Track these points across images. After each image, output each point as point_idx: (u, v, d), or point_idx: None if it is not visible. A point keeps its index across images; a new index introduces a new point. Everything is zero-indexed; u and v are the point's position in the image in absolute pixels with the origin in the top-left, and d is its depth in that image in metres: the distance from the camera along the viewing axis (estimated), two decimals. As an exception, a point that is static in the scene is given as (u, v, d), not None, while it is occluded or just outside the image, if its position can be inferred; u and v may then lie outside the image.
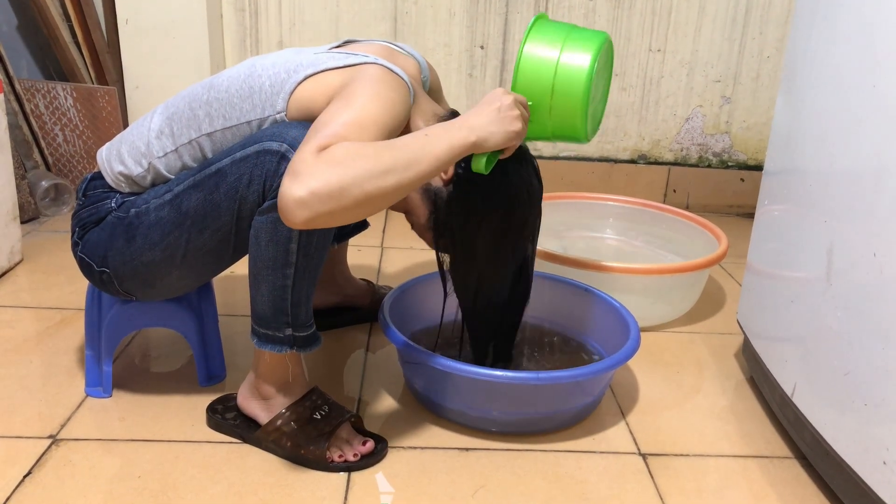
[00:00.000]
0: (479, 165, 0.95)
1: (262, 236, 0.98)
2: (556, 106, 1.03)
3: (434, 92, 1.22)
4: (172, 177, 1.05)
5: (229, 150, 1.00)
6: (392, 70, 0.99)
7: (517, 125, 0.95)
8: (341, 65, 1.00)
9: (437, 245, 1.11)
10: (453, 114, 1.09)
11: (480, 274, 1.11)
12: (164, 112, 1.07)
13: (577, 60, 1.02)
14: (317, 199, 0.81)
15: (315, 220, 0.83)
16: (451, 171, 1.05)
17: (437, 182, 1.07)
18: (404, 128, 1.03)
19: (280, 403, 1.06)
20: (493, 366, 1.17)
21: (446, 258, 1.12)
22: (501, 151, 0.98)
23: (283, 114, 1.00)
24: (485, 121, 0.93)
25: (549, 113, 1.03)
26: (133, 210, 1.04)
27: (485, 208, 1.06)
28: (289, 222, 0.83)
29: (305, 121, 0.99)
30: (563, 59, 1.02)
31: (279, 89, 1.00)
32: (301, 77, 1.00)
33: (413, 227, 1.16)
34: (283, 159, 0.94)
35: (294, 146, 0.95)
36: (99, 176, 1.09)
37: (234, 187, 0.98)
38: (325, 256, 1.04)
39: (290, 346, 1.04)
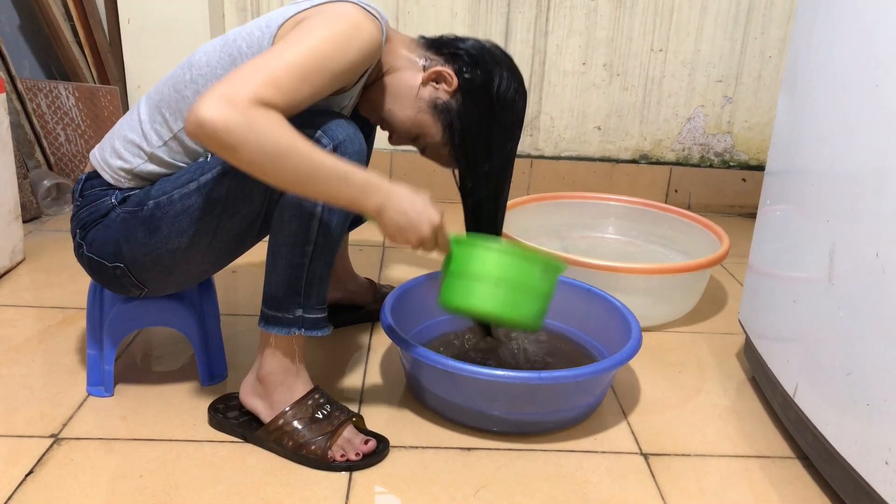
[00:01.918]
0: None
1: (287, 211, 0.99)
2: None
3: None
4: (180, 162, 1.05)
5: None
6: (364, 8, 0.99)
7: (401, 242, 0.98)
8: (309, 6, 1.00)
9: (456, 158, 1.15)
10: (425, 39, 1.15)
11: (500, 165, 1.17)
12: (148, 102, 1.08)
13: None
14: (211, 130, 0.82)
15: (199, 136, 0.83)
16: (455, 81, 1.10)
17: (444, 96, 1.11)
18: (381, 61, 1.10)
19: (282, 402, 1.06)
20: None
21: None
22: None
23: None
24: (395, 218, 0.95)
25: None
26: (151, 202, 1.04)
27: (495, 106, 1.12)
28: (186, 121, 0.84)
29: None
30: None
31: (258, 49, 1.00)
32: (274, 29, 1.00)
33: (424, 151, 1.18)
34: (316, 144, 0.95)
35: (327, 133, 0.97)
36: (94, 175, 1.09)
37: None
38: (342, 240, 1.05)
39: (298, 327, 1.03)
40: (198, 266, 1.08)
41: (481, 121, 1.13)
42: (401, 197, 0.95)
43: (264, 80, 0.86)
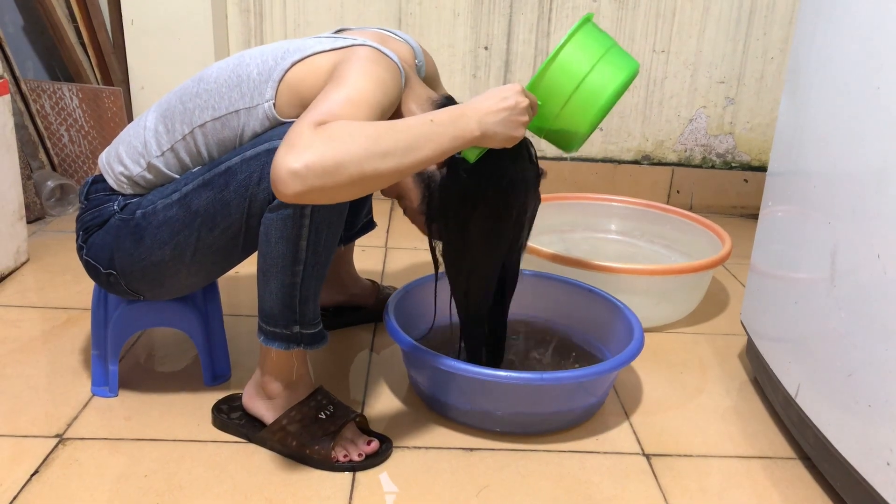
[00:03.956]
0: (470, 155, 0.95)
1: (273, 233, 0.98)
2: (565, 116, 1.00)
3: (431, 78, 1.21)
4: (175, 175, 1.05)
5: (240, 150, 1.00)
6: (382, 52, 0.99)
7: (521, 132, 0.94)
8: (329, 48, 1.00)
9: (429, 230, 1.10)
10: (448, 99, 1.08)
11: (472, 261, 1.09)
12: (157, 109, 1.08)
13: (605, 82, 0.99)
14: (311, 173, 0.79)
15: (306, 195, 0.80)
16: None
17: (430, 165, 1.06)
18: (395, 111, 1.02)
19: (285, 403, 1.07)
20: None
21: (439, 245, 1.11)
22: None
23: (271, 102, 0.99)
24: (494, 119, 0.91)
25: (554, 118, 1.01)
26: (139, 211, 1.04)
27: (479, 193, 1.04)
28: (280, 194, 0.81)
29: (296, 106, 0.98)
30: (593, 76, 0.99)
31: (267, 77, 1.00)
32: (289, 63, 1.00)
33: (405, 212, 1.15)
34: None
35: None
36: (100, 179, 1.10)
37: (244, 185, 0.98)
38: (334, 254, 1.04)
39: (297, 343, 1.04)
40: (185, 279, 1.08)
41: (461, 203, 1.04)
42: (483, 102, 0.91)
43: (320, 112, 0.86)
